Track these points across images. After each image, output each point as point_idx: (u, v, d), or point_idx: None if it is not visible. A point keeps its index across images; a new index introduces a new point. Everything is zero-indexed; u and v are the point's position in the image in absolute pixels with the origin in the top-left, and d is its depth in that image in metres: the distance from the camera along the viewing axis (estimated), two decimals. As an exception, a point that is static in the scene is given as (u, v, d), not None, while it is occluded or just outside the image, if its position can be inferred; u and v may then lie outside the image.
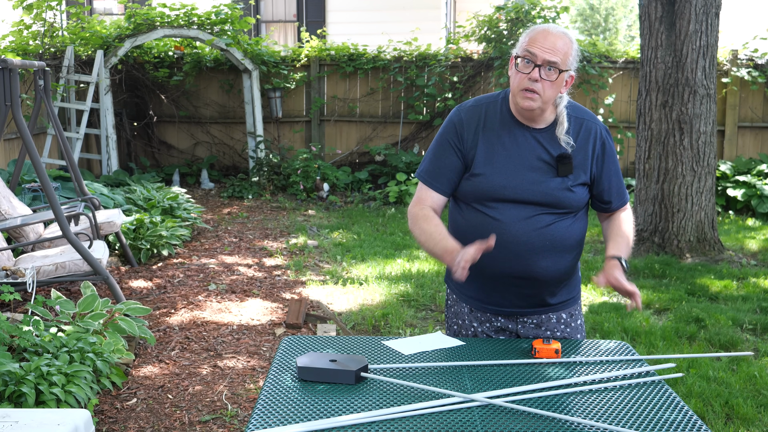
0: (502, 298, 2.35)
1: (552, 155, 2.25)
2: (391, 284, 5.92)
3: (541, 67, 2.16)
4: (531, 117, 2.25)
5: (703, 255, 6.86)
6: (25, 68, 6.28)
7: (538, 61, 2.16)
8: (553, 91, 2.19)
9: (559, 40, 2.17)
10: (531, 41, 2.18)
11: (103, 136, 9.15)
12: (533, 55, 2.16)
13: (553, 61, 2.15)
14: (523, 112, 2.25)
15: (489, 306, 2.38)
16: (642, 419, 1.76)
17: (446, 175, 2.32)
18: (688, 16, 6.69)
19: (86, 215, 5.45)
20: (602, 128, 2.33)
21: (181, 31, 9.47)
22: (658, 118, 6.96)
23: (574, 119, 2.29)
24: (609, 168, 2.33)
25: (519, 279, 2.28)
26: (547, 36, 2.17)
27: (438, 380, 1.96)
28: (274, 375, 1.99)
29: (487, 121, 2.30)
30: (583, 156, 2.28)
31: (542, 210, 2.24)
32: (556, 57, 2.15)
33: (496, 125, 2.29)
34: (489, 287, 2.34)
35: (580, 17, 32.47)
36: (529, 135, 2.27)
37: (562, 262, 2.29)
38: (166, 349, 4.49)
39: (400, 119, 10.64)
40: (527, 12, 9.68)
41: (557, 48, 2.16)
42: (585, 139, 2.28)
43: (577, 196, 2.27)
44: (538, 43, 2.17)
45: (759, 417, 3.66)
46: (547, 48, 2.15)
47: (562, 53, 2.17)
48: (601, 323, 4.98)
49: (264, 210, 9.09)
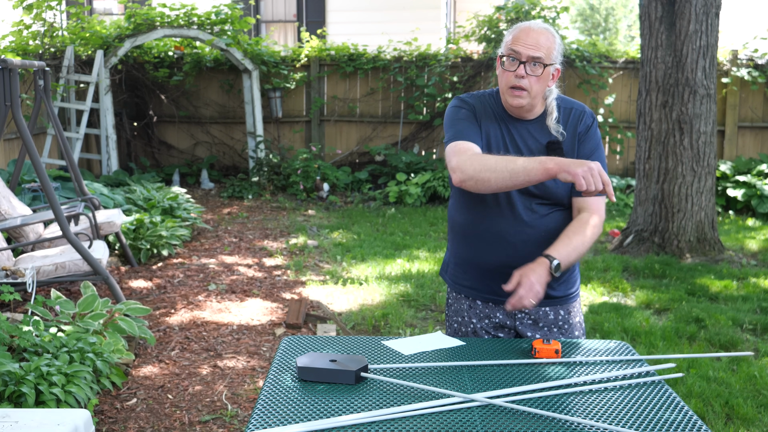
0: (499, 287, 2.34)
1: (541, 144, 2.30)
2: (391, 284, 5.92)
3: (526, 63, 2.22)
4: (521, 112, 2.32)
5: (703, 255, 6.86)
6: (25, 68, 6.28)
7: (523, 57, 2.21)
8: (540, 85, 2.25)
9: (542, 36, 2.23)
10: (514, 39, 2.24)
11: (103, 136, 9.15)
12: (517, 53, 2.22)
13: (537, 57, 2.21)
14: (513, 109, 2.31)
15: (486, 295, 2.40)
16: (642, 419, 1.76)
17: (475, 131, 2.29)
18: (688, 16, 6.69)
19: (86, 215, 5.45)
20: (589, 114, 2.38)
21: (181, 31, 9.47)
22: (658, 118, 6.96)
23: (563, 110, 2.35)
24: (586, 148, 2.32)
25: (514, 269, 2.28)
26: (529, 33, 2.23)
27: (438, 380, 1.96)
28: (274, 375, 1.99)
29: (485, 110, 2.36)
30: (570, 142, 2.33)
31: (537, 201, 2.29)
32: (540, 52, 2.21)
33: (492, 117, 2.35)
34: (486, 276, 2.37)
35: (580, 17, 32.47)
36: (521, 126, 2.33)
37: None
38: (166, 349, 4.49)
39: (400, 119, 10.64)
40: (527, 12, 9.68)
41: (540, 43, 2.22)
42: (573, 126, 2.34)
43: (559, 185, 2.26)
44: (521, 41, 2.22)
45: (759, 417, 3.66)
46: (530, 44, 2.21)
47: (546, 48, 2.22)
48: (601, 323, 4.98)
49: (264, 210, 9.09)
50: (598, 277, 6.20)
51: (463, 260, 2.43)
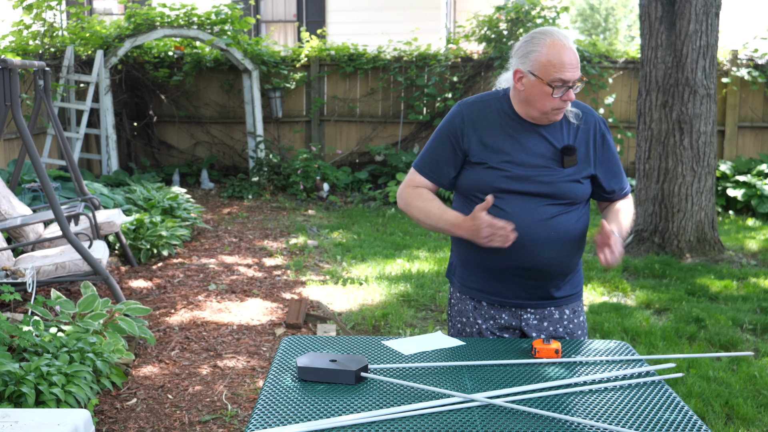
0: (507, 289, 2.36)
1: (556, 147, 2.30)
2: (391, 284, 5.92)
3: (572, 87, 2.23)
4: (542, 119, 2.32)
5: (703, 255, 6.86)
6: (25, 68, 6.28)
7: (570, 83, 2.22)
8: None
9: (573, 52, 2.23)
10: (559, 67, 2.19)
11: (103, 136, 9.15)
12: (566, 81, 2.21)
13: (580, 76, 2.24)
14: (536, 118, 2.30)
15: (493, 297, 2.39)
16: (642, 419, 1.76)
17: (441, 167, 2.38)
18: (688, 16, 6.69)
19: (86, 215, 5.45)
20: (600, 121, 2.40)
21: (181, 31, 9.47)
22: (658, 118, 6.96)
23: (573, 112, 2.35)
24: (609, 159, 2.40)
25: (524, 270, 2.31)
26: (569, 54, 2.21)
27: (438, 380, 1.96)
28: (274, 375, 1.99)
29: (489, 116, 2.34)
30: (585, 149, 2.34)
31: (547, 201, 2.29)
32: (579, 70, 2.23)
33: (499, 120, 2.33)
34: (493, 278, 2.36)
35: (580, 17, 32.47)
36: (532, 128, 2.32)
37: (566, 254, 2.32)
38: (166, 349, 4.49)
39: (400, 119, 10.64)
40: (527, 12, 9.68)
41: (577, 59, 2.23)
42: (585, 132, 2.35)
43: (584, 187, 2.34)
44: (566, 68, 2.20)
45: (759, 417, 3.66)
46: (574, 66, 2.21)
47: (578, 60, 2.24)
48: (601, 323, 4.98)
49: (264, 210, 9.09)
50: (598, 277, 6.20)
51: (469, 262, 2.41)
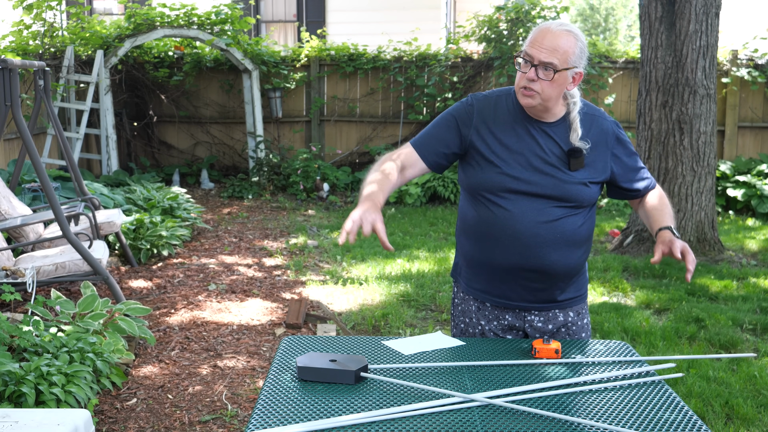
0: (511, 291, 2.35)
1: (563, 149, 2.27)
2: (391, 284, 5.92)
3: (538, 67, 2.18)
4: (537, 113, 2.28)
5: (703, 255, 6.86)
6: (25, 68, 6.28)
7: (535, 61, 2.18)
8: (553, 89, 2.20)
9: (561, 38, 2.18)
10: (532, 41, 2.21)
11: (103, 136, 9.15)
12: (531, 56, 2.19)
13: (549, 62, 2.17)
14: (528, 109, 2.27)
15: (497, 299, 2.38)
16: (642, 419, 1.76)
17: (435, 145, 2.35)
18: (688, 16, 6.69)
19: (86, 215, 5.45)
20: (612, 123, 2.37)
21: (181, 31, 9.47)
22: (658, 118, 6.96)
23: (583, 115, 2.31)
24: (628, 160, 2.38)
25: (529, 272, 2.29)
26: (546, 35, 2.19)
27: (438, 380, 1.96)
28: (274, 375, 1.99)
29: (499, 112, 2.32)
30: (598, 154, 2.30)
31: (553, 203, 2.26)
32: (553, 57, 2.17)
33: (509, 117, 2.31)
34: (498, 279, 2.34)
35: (580, 17, 32.46)
36: (540, 129, 2.29)
37: (571, 256, 2.30)
38: (166, 349, 4.49)
39: (400, 119, 10.64)
40: (527, 12, 9.68)
41: (556, 47, 2.17)
42: (598, 136, 2.31)
43: (591, 191, 2.30)
44: (536, 44, 2.19)
45: (759, 417, 3.66)
46: (545, 48, 2.17)
47: (562, 52, 2.17)
48: (601, 323, 4.98)
49: (264, 210, 9.09)
50: (598, 277, 6.20)
51: (474, 262, 2.39)
